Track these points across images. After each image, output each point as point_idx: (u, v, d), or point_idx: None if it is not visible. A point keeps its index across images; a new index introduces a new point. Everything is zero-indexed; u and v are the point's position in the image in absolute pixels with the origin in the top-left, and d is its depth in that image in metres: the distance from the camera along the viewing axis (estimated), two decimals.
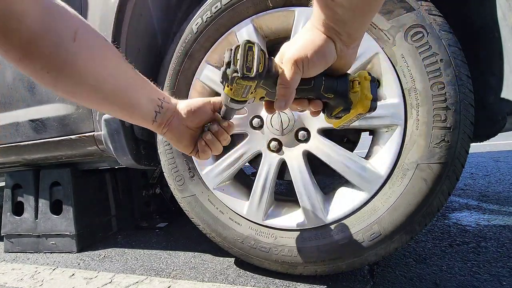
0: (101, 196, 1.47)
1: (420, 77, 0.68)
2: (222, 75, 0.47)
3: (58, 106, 1.08)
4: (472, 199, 1.51)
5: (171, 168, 0.95)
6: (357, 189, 0.78)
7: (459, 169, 0.69)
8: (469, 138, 0.68)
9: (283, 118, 0.82)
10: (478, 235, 1.07)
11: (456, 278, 0.80)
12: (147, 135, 1.04)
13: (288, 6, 0.79)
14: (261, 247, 0.85)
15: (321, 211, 0.80)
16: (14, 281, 1.06)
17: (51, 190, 1.36)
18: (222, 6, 0.83)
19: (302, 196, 0.82)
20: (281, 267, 0.85)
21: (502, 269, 0.83)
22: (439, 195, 0.69)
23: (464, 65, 0.67)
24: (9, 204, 1.41)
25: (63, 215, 1.31)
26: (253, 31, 0.82)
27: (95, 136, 1.05)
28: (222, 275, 0.93)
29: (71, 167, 1.34)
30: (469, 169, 2.27)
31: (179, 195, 0.95)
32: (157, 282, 0.93)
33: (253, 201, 0.87)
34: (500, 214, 1.26)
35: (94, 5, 0.93)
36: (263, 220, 0.86)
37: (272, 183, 0.86)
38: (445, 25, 0.67)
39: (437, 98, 0.67)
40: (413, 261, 0.91)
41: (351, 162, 0.77)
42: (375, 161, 0.76)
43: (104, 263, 1.15)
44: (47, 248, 1.34)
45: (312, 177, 0.83)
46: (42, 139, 1.14)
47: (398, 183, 0.72)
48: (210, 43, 0.87)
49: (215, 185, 0.91)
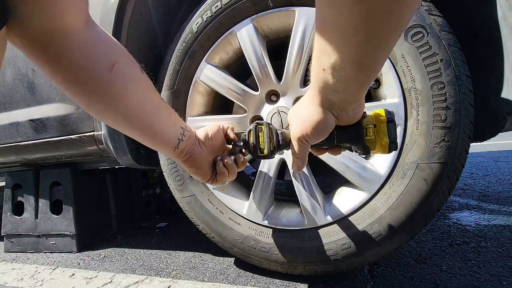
0: (101, 196, 1.47)
1: (420, 77, 0.68)
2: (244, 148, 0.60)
3: (58, 106, 1.08)
4: (472, 199, 1.51)
5: (170, 168, 0.95)
6: (357, 189, 0.78)
7: (459, 169, 0.69)
8: (469, 138, 0.68)
9: (283, 117, 0.82)
10: (478, 235, 1.07)
11: (456, 278, 0.80)
12: None
13: (288, 6, 0.79)
14: (261, 247, 0.85)
15: (321, 211, 0.80)
16: (14, 280, 1.06)
17: (51, 190, 1.36)
18: (222, 5, 0.83)
19: (302, 196, 0.82)
20: (281, 267, 0.85)
21: (502, 269, 0.83)
22: (439, 195, 0.69)
23: (464, 65, 0.67)
24: (9, 204, 1.41)
25: (63, 215, 1.31)
26: (253, 31, 0.82)
27: (95, 136, 1.05)
28: (222, 275, 0.93)
29: (71, 167, 1.34)
30: (469, 169, 2.27)
31: (179, 195, 0.95)
32: (157, 282, 0.93)
33: (253, 201, 0.87)
34: (500, 214, 1.26)
35: (94, 4, 0.93)
36: (263, 220, 0.86)
37: (272, 183, 0.86)
38: (445, 25, 0.67)
39: (437, 98, 0.67)
40: (413, 261, 0.91)
41: (351, 162, 0.77)
42: (375, 160, 0.76)
43: (104, 263, 1.15)
44: (47, 248, 1.34)
45: (312, 177, 0.82)
46: (42, 139, 1.14)
47: (398, 183, 0.72)
48: (210, 43, 0.87)
49: (214, 185, 0.91)
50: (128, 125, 0.53)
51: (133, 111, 0.51)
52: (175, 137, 0.58)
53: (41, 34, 0.39)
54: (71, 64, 0.43)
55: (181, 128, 0.59)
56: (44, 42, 0.40)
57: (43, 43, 0.40)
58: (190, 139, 0.61)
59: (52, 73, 0.44)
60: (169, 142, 0.58)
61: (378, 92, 0.77)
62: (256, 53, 0.82)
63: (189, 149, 0.61)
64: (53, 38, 0.40)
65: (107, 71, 0.46)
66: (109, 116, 0.51)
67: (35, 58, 0.42)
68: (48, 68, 0.43)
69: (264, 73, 0.82)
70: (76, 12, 0.41)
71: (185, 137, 0.59)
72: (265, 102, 0.85)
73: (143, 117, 0.52)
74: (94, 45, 0.45)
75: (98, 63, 0.45)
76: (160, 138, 0.57)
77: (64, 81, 0.45)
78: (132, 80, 0.50)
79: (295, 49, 0.78)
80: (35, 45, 0.40)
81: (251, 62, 0.83)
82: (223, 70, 0.90)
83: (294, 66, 0.79)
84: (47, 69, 0.44)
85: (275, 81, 0.82)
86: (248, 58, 0.83)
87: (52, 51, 0.41)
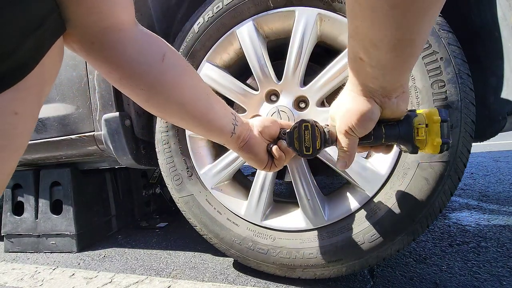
0: (101, 196, 1.47)
1: (420, 75, 0.68)
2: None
3: (58, 106, 1.08)
4: (472, 199, 1.51)
5: (169, 167, 0.95)
6: (357, 189, 0.78)
7: (461, 168, 0.68)
8: (471, 136, 0.67)
9: (282, 116, 0.82)
10: (478, 235, 1.07)
11: (456, 278, 0.80)
12: (147, 135, 1.04)
13: (288, 6, 0.79)
14: (259, 249, 0.85)
15: (320, 212, 0.79)
16: (14, 280, 1.06)
17: (51, 190, 1.36)
18: (223, 6, 0.83)
19: (301, 197, 0.81)
20: (280, 270, 0.84)
21: (502, 269, 0.83)
22: (441, 194, 0.68)
23: (464, 63, 0.67)
24: (9, 204, 1.41)
25: (63, 215, 1.31)
26: (254, 31, 0.82)
27: (95, 136, 1.05)
28: (222, 275, 0.93)
29: (71, 167, 1.34)
30: (469, 169, 2.27)
31: (177, 195, 0.95)
32: (157, 282, 0.93)
33: (251, 201, 0.86)
34: (500, 214, 1.26)
35: None
36: (261, 221, 0.85)
37: (271, 183, 0.85)
38: (444, 24, 0.67)
39: (438, 96, 0.67)
40: (413, 261, 0.91)
41: None
42: (376, 160, 0.76)
43: (104, 263, 1.15)
44: (47, 248, 1.34)
45: (312, 177, 0.82)
46: (42, 139, 1.14)
47: (399, 182, 0.71)
48: (211, 43, 0.88)
49: (213, 185, 0.91)
50: (186, 115, 0.54)
51: (188, 99, 0.52)
52: (229, 123, 0.59)
53: (96, 34, 0.41)
54: (126, 60, 0.45)
55: (232, 114, 0.60)
56: (99, 41, 0.42)
57: (99, 43, 0.42)
58: (244, 125, 0.62)
59: (110, 71, 0.46)
60: (225, 127, 0.58)
61: None
62: (257, 53, 0.82)
63: (245, 135, 0.62)
64: (107, 36, 0.42)
65: (159, 63, 0.47)
66: (168, 108, 0.52)
67: (93, 59, 0.44)
68: (105, 68, 0.45)
69: (264, 73, 0.82)
70: (124, 8, 0.43)
71: (238, 123, 0.60)
72: (264, 101, 0.85)
73: (198, 104, 0.54)
74: (144, 39, 0.47)
75: (151, 55, 0.47)
76: (216, 125, 0.57)
77: (121, 78, 0.46)
78: (181, 68, 0.51)
79: (295, 49, 0.78)
80: (92, 46, 0.42)
81: (252, 62, 0.83)
82: (224, 70, 0.90)
83: (294, 66, 0.79)
84: (104, 69, 0.45)
85: (275, 81, 0.82)
86: (249, 58, 0.83)
87: (108, 50, 0.43)
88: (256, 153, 0.63)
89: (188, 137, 0.93)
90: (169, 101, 0.51)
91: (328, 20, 0.77)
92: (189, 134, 0.93)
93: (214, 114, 0.56)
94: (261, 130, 0.64)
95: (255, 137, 0.63)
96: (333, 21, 0.76)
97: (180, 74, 0.51)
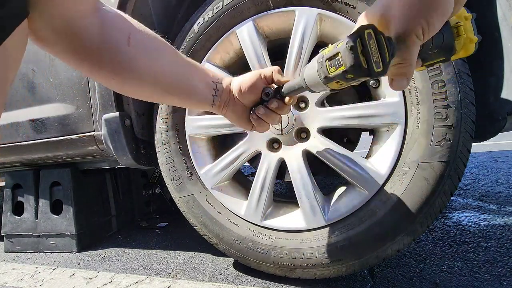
0: (101, 196, 1.47)
1: (420, 75, 0.68)
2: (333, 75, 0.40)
3: (58, 106, 1.08)
4: (472, 199, 1.51)
5: (169, 167, 0.95)
6: (357, 189, 0.78)
7: (461, 168, 0.68)
8: (471, 136, 0.67)
9: (282, 117, 0.82)
10: (478, 235, 1.07)
11: (456, 278, 0.80)
12: (147, 135, 1.04)
13: (288, 6, 0.79)
14: (259, 249, 0.85)
15: (320, 212, 0.79)
16: (14, 280, 1.06)
17: (51, 190, 1.36)
18: (223, 6, 0.83)
19: (301, 197, 0.81)
20: (279, 270, 0.84)
21: (502, 269, 0.83)
22: (441, 194, 0.68)
23: (464, 63, 0.67)
24: (9, 204, 1.41)
25: (63, 215, 1.31)
26: (254, 31, 0.82)
27: (95, 136, 1.05)
28: (222, 275, 0.93)
29: (71, 167, 1.34)
30: (469, 169, 2.27)
31: (177, 195, 0.95)
32: (157, 282, 0.93)
33: (251, 201, 0.86)
34: (500, 214, 1.26)
35: None
36: (261, 221, 0.85)
37: (271, 183, 0.85)
38: None
39: (438, 96, 0.67)
40: (413, 261, 0.91)
41: (351, 162, 0.76)
42: (376, 160, 0.76)
43: (104, 263, 1.15)
44: (47, 248, 1.34)
45: (312, 177, 0.82)
46: (42, 139, 1.14)
47: (399, 182, 0.71)
48: (211, 43, 0.88)
49: (213, 185, 0.91)
50: (162, 94, 0.54)
51: (163, 79, 0.52)
52: (209, 94, 0.59)
53: (61, 23, 0.40)
54: (93, 49, 0.44)
55: (213, 82, 0.59)
56: (65, 30, 0.41)
57: (64, 32, 0.41)
58: (224, 93, 0.61)
59: (79, 62, 0.45)
60: (204, 100, 0.58)
61: (378, 91, 0.77)
62: (257, 53, 0.82)
63: (225, 103, 0.61)
64: (72, 24, 0.41)
65: (125, 47, 0.46)
66: (143, 91, 0.52)
67: (60, 50, 0.43)
68: (74, 59, 0.44)
69: None
70: None
71: (218, 91, 0.60)
72: None
73: (175, 83, 0.54)
74: (108, 24, 0.45)
75: (116, 40, 0.46)
76: (195, 98, 0.58)
77: (91, 68, 0.45)
78: (152, 48, 0.50)
79: (295, 49, 0.78)
80: (59, 36, 0.41)
81: (252, 62, 0.83)
82: (224, 69, 0.90)
83: (294, 66, 0.79)
84: (73, 61, 0.45)
85: None
86: (249, 58, 0.83)
87: (74, 39, 0.42)
88: (237, 121, 0.63)
89: (188, 137, 0.93)
90: (143, 85, 0.50)
91: (328, 20, 0.77)
92: (189, 134, 0.93)
93: (192, 89, 0.56)
94: (239, 97, 0.60)
95: (234, 103, 0.61)
96: (333, 21, 0.76)
97: (151, 55, 0.50)
